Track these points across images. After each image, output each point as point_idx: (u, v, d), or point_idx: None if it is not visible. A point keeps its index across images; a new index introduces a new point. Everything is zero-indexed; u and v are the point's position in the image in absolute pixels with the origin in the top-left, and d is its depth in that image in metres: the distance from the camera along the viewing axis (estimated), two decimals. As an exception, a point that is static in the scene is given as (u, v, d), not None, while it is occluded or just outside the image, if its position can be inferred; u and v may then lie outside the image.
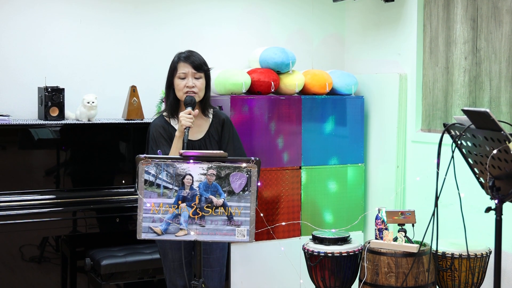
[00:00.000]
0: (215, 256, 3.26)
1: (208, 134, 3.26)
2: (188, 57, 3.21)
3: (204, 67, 3.22)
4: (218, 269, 3.29)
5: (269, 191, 4.27)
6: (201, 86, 3.20)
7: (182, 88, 3.18)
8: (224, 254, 3.31)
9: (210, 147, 3.23)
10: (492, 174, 2.59)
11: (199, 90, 3.20)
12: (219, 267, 3.29)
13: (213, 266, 3.27)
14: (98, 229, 3.92)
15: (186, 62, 3.19)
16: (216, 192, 2.69)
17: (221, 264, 3.30)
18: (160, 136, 3.21)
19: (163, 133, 3.21)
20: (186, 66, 3.19)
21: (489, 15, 3.82)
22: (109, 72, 4.37)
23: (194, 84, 3.17)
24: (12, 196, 3.76)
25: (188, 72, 3.18)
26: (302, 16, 4.94)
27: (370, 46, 4.79)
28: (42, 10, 4.18)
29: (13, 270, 3.79)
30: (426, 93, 4.32)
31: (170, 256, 3.26)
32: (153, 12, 4.48)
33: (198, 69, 3.19)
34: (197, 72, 3.19)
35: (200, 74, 3.21)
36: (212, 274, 3.26)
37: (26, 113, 4.16)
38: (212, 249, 3.24)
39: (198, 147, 3.21)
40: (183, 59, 3.21)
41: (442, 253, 3.44)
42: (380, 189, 4.58)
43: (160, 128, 3.23)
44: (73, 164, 3.99)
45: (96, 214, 3.89)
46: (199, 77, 3.20)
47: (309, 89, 4.45)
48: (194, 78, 3.18)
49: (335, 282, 3.55)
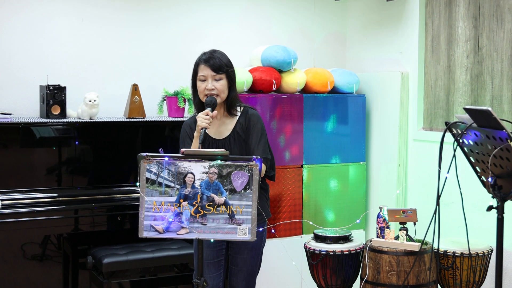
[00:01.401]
0: (242, 256, 3.25)
1: (234, 133, 3.22)
2: (208, 60, 3.16)
3: (224, 68, 3.17)
4: (245, 270, 3.26)
5: (271, 189, 4.27)
6: (221, 87, 3.15)
7: (202, 91, 3.16)
8: (253, 255, 3.27)
9: (235, 146, 3.19)
10: (494, 172, 2.59)
11: (220, 92, 3.15)
12: (245, 268, 3.26)
13: (240, 266, 3.26)
14: (100, 227, 3.92)
15: (205, 64, 3.15)
16: (218, 190, 2.69)
17: (248, 265, 3.27)
18: (186, 135, 3.23)
19: (189, 132, 3.22)
20: (205, 69, 3.15)
21: (491, 13, 3.82)
22: (110, 70, 4.37)
23: (213, 87, 3.13)
24: (14, 194, 3.77)
25: (208, 74, 3.14)
26: (304, 14, 4.94)
27: (372, 45, 4.79)
28: (44, 8, 4.19)
29: (15, 268, 3.79)
30: (428, 91, 4.31)
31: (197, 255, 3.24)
32: (154, 10, 4.48)
33: (218, 71, 3.14)
34: (217, 74, 3.15)
35: (221, 76, 3.16)
36: (238, 273, 3.26)
37: (28, 111, 4.16)
38: (240, 249, 3.23)
39: (222, 145, 3.18)
40: (203, 62, 3.17)
41: (443, 252, 3.44)
42: (382, 187, 4.58)
43: (187, 128, 3.25)
44: (75, 162, 3.99)
45: (98, 213, 3.90)
46: (220, 78, 3.15)
47: (311, 87, 4.45)
48: (214, 80, 3.14)
49: (337, 280, 3.55)
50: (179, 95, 4.24)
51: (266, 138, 3.27)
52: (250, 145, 3.19)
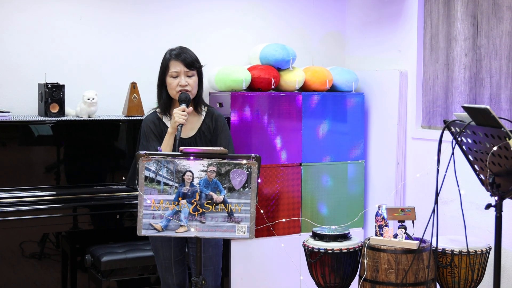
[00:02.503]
0: (208, 255, 3.23)
1: (200, 132, 3.23)
2: (180, 55, 3.15)
3: (196, 64, 3.17)
4: (211, 268, 3.26)
5: (269, 187, 4.27)
6: (193, 84, 3.16)
7: (175, 87, 3.14)
8: (217, 252, 3.28)
9: (200, 145, 3.20)
10: (492, 171, 2.59)
11: (192, 88, 3.16)
12: (212, 266, 3.26)
13: (206, 265, 3.23)
14: (99, 225, 3.92)
15: (177, 60, 3.14)
16: (217, 188, 2.69)
17: (214, 262, 3.27)
18: (150, 131, 3.19)
19: (154, 129, 3.19)
20: (178, 65, 3.14)
21: (489, 11, 3.82)
22: (109, 68, 4.36)
23: (187, 83, 3.13)
24: (12, 192, 3.77)
25: (180, 70, 3.13)
26: (303, 12, 4.93)
27: (371, 43, 4.79)
28: (43, 7, 4.18)
29: (13, 266, 3.79)
30: (427, 89, 4.32)
31: (161, 254, 3.24)
32: (153, 8, 4.48)
33: (190, 67, 3.14)
34: (190, 70, 3.14)
35: (193, 72, 3.16)
36: (206, 272, 3.23)
37: (26, 110, 4.16)
38: (204, 248, 3.19)
39: (187, 144, 3.16)
40: (174, 57, 3.15)
41: (442, 250, 3.44)
42: (380, 186, 4.58)
43: (151, 124, 3.21)
44: (74, 160, 3.99)
45: (97, 211, 3.89)
46: (192, 75, 3.16)
47: (309, 86, 4.45)
48: (186, 76, 3.14)
49: (335, 278, 3.55)
50: (178, 93, 4.23)
51: (231, 140, 3.31)
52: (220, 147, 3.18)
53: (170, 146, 3.08)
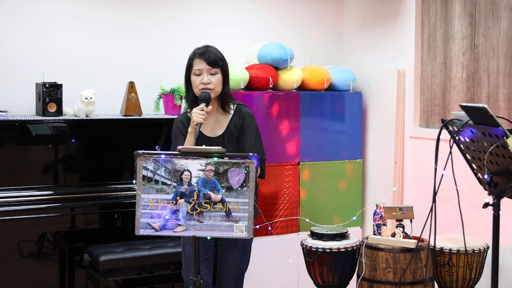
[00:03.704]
0: (232, 255, 3.25)
1: (227, 131, 3.22)
2: (203, 53, 3.17)
3: (219, 62, 3.18)
4: (234, 268, 3.27)
5: (268, 187, 4.27)
6: (216, 82, 3.16)
7: (198, 85, 3.16)
8: (243, 253, 3.28)
9: (228, 144, 3.19)
10: (490, 169, 2.60)
11: (215, 86, 3.16)
12: (235, 265, 3.27)
13: (230, 264, 3.26)
14: (97, 225, 3.92)
15: (201, 58, 3.16)
16: (215, 188, 2.69)
17: (238, 263, 3.27)
18: (178, 131, 3.22)
19: (182, 128, 3.22)
20: (201, 63, 3.16)
21: (487, 10, 3.82)
22: (107, 68, 4.36)
23: (209, 81, 3.14)
24: (10, 192, 3.76)
25: (203, 68, 3.15)
26: (300, 11, 4.93)
27: (368, 42, 4.79)
28: (40, 6, 4.17)
29: (11, 266, 3.79)
30: (424, 88, 4.32)
31: (187, 250, 3.25)
32: (151, 8, 4.47)
33: (213, 65, 3.15)
34: (212, 68, 3.16)
35: (216, 70, 3.17)
36: (227, 271, 3.26)
37: (24, 109, 4.15)
38: (230, 247, 3.23)
39: (216, 144, 3.17)
40: (198, 56, 3.17)
41: (440, 249, 3.45)
42: (378, 184, 4.59)
43: (180, 124, 3.24)
44: (71, 160, 3.99)
45: (95, 210, 3.89)
46: (215, 72, 3.17)
47: (307, 85, 4.45)
48: (209, 74, 3.15)
49: (333, 277, 3.56)
50: (176, 92, 4.24)
51: (261, 138, 3.28)
52: (245, 145, 3.19)
53: (192, 146, 3.07)
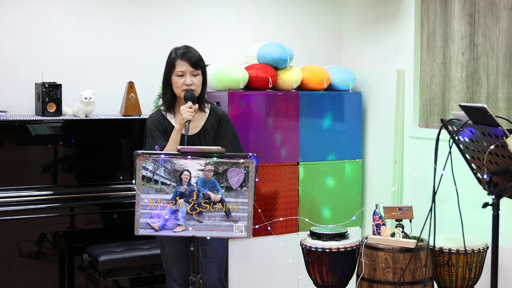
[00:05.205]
0: (212, 247, 3.28)
1: (204, 130, 3.27)
2: (185, 54, 3.20)
3: (201, 64, 3.23)
4: (215, 260, 3.31)
5: (267, 187, 4.27)
6: (198, 83, 3.23)
7: (180, 86, 3.20)
8: (222, 245, 3.33)
9: (204, 143, 3.25)
10: (489, 169, 2.60)
11: (197, 87, 3.23)
12: (216, 258, 3.31)
13: (210, 257, 3.29)
14: (96, 225, 3.92)
15: (183, 59, 3.19)
16: (214, 188, 2.69)
17: (218, 255, 3.31)
18: (155, 129, 3.24)
19: (159, 126, 3.25)
20: (183, 64, 3.19)
21: (486, 10, 3.82)
22: (106, 68, 4.36)
23: (192, 82, 3.20)
24: (10, 192, 3.76)
25: (186, 70, 3.19)
26: (300, 11, 4.93)
27: (368, 42, 4.79)
28: (39, 5, 4.17)
29: (10, 266, 3.78)
30: (424, 88, 4.32)
31: (166, 249, 3.30)
32: (150, 7, 4.47)
33: (196, 67, 3.21)
34: (195, 70, 3.21)
35: (198, 71, 3.22)
36: (210, 265, 3.29)
37: (23, 109, 4.15)
38: (208, 241, 3.26)
39: (192, 142, 3.22)
40: (180, 56, 3.20)
41: (439, 249, 3.45)
42: (378, 184, 4.59)
43: (156, 121, 3.27)
44: (71, 160, 3.99)
45: (94, 210, 3.89)
46: (197, 74, 3.22)
47: (307, 85, 4.45)
48: (192, 76, 3.20)
49: (333, 277, 3.56)
50: (175, 92, 4.23)
51: (238, 138, 3.37)
52: (224, 146, 3.22)
53: (177, 143, 3.12)
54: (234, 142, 3.32)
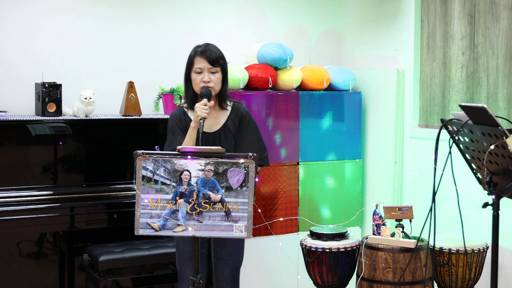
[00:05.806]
0: (228, 250, 3.28)
1: (224, 127, 3.26)
2: (204, 52, 3.21)
3: (220, 61, 3.22)
4: (230, 263, 3.30)
5: (267, 187, 4.27)
6: (216, 80, 3.21)
7: (198, 83, 3.20)
8: (238, 248, 3.32)
9: (225, 140, 3.23)
10: (490, 169, 2.60)
11: (215, 85, 3.21)
12: (231, 260, 3.30)
13: (225, 259, 3.29)
14: (96, 225, 3.92)
15: (202, 56, 3.20)
16: (214, 188, 2.69)
17: (233, 258, 3.31)
18: (176, 126, 3.25)
19: (179, 123, 3.25)
20: (202, 61, 3.19)
21: (486, 10, 3.82)
22: (106, 68, 4.36)
23: (210, 79, 3.19)
24: (10, 192, 3.76)
25: (204, 67, 3.19)
26: (300, 11, 4.93)
27: (368, 42, 4.79)
28: (39, 5, 4.17)
29: (10, 266, 3.79)
30: (424, 88, 4.32)
31: (181, 247, 3.29)
32: (150, 7, 4.47)
33: (214, 64, 3.20)
34: (213, 67, 3.20)
35: (216, 69, 3.21)
36: (223, 266, 3.29)
37: (23, 109, 4.15)
38: (225, 243, 3.26)
39: (212, 139, 3.22)
40: (199, 54, 3.21)
41: (439, 249, 3.45)
42: (378, 184, 4.59)
43: (176, 118, 3.27)
44: (71, 160, 3.99)
45: (94, 210, 3.89)
46: (215, 71, 3.21)
47: (307, 85, 4.45)
48: (210, 73, 3.19)
49: (333, 277, 3.56)
50: (175, 92, 4.24)
51: (260, 134, 3.35)
52: (247, 143, 3.22)
53: (193, 140, 3.12)
54: (256, 140, 3.30)
